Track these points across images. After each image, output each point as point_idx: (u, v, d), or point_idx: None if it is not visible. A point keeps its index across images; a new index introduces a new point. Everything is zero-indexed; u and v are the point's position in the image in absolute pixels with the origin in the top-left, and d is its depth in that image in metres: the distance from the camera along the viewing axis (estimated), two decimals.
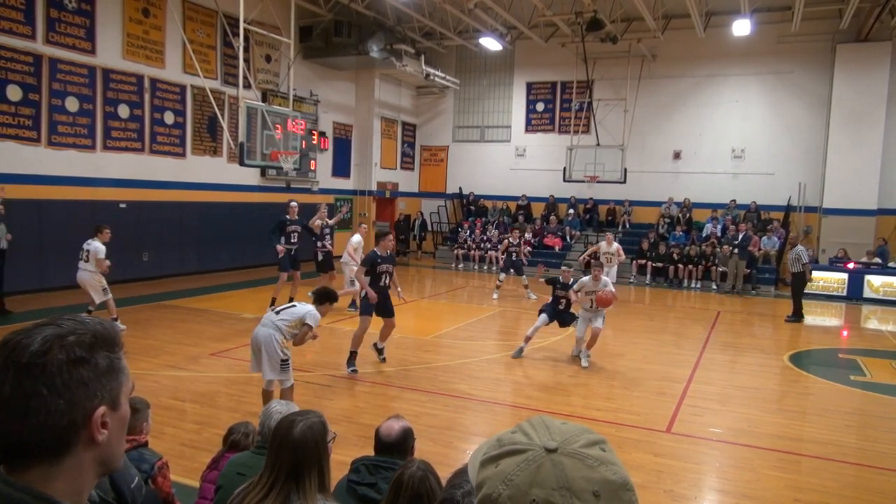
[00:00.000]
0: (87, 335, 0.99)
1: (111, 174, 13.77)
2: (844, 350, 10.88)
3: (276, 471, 2.24)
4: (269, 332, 5.81)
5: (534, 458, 0.80)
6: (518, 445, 0.82)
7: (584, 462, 0.79)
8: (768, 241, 17.85)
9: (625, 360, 9.27)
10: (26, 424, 0.94)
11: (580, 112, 20.76)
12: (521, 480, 0.78)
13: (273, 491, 2.20)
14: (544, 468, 0.78)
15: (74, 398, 0.96)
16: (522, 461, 0.80)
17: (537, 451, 0.80)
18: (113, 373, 1.01)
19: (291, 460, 2.23)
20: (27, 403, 0.93)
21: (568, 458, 0.79)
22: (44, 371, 0.94)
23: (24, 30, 12.02)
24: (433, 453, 5.13)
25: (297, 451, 2.24)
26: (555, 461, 0.79)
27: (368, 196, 21.90)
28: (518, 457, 0.81)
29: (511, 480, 0.79)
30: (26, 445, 0.95)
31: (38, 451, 0.95)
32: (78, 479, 0.99)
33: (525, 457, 0.80)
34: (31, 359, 0.94)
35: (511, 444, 0.83)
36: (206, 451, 4.86)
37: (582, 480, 0.78)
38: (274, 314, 6.01)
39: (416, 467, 2.47)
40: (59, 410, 0.95)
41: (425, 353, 9.40)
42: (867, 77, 17.58)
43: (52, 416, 0.94)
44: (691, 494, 5.13)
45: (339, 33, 18.16)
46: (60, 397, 0.95)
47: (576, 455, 0.80)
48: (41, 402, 0.94)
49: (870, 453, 6.09)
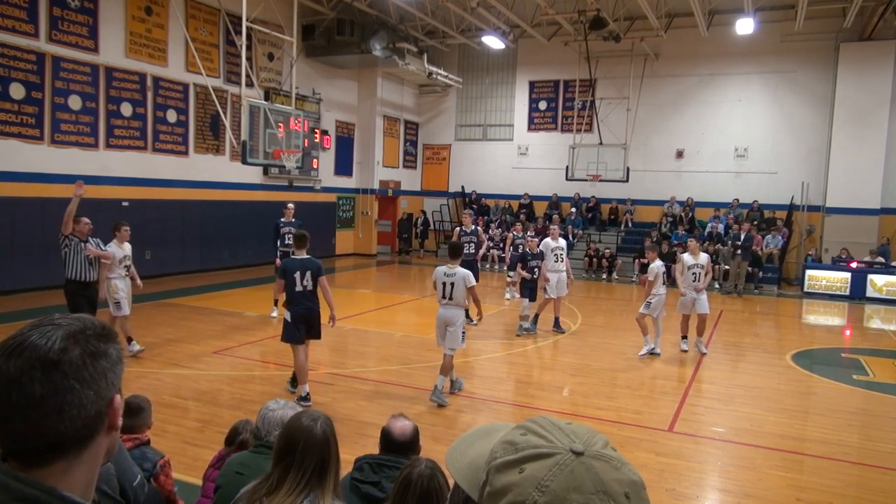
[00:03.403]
0: (98, 329, 1.04)
1: (114, 172, 13.79)
2: (847, 349, 10.86)
3: (302, 471, 2.21)
4: (455, 310, 6.89)
5: (564, 461, 0.78)
6: (541, 449, 0.81)
7: (610, 464, 0.79)
8: (772, 241, 17.81)
9: (627, 359, 9.26)
10: (63, 420, 0.97)
11: (583, 111, 20.74)
12: (557, 486, 0.76)
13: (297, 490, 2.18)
14: (578, 472, 0.77)
15: (100, 389, 1.01)
16: (553, 465, 0.78)
17: (565, 454, 0.79)
18: (120, 363, 1.06)
19: (318, 459, 2.23)
20: (63, 399, 0.97)
21: (596, 461, 0.79)
22: (72, 366, 0.97)
23: (27, 28, 12.04)
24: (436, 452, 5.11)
25: (324, 450, 2.26)
26: (586, 465, 0.78)
27: (371, 195, 21.91)
28: (546, 461, 0.79)
29: (546, 486, 0.77)
30: (60, 440, 0.98)
31: (68, 445, 0.99)
32: (92, 470, 1.04)
33: (555, 461, 0.79)
34: (58, 356, 0.97)
35: (532, 448, 0.81)
36: (208, 450, 4.87)
37: (614, 483, 0.77)
38: (446, 299, 6.90)
39: (423, 466, 2.47)
40: (91, 402, 0.99)
41: (427, 351, 9.39)
42: (871, 76, 17.54)
43: (84, 409, 0.98)
44: (693, 493, 5.12)
45: (341, 32, 18.16)
46: (90, 389, 0.99)
47: (602, 457, 0.79)
48: (75, 396, 0.97)
49: (872, 453, 6.08)
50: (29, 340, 0.97)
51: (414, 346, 9.69)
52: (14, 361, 0.96)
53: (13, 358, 0.96)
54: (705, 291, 9.50)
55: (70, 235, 7.52)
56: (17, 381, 0.95)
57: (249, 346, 9.23)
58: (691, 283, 9.41)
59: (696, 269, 9.45)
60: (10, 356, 0.96)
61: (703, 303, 9.44)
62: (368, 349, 9.59)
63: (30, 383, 0.95)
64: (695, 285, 9.41)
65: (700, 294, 9.41)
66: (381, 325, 11.14)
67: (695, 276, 9.41)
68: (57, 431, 0.97)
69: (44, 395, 0.95)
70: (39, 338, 0.98)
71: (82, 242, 7.61)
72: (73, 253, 7.53)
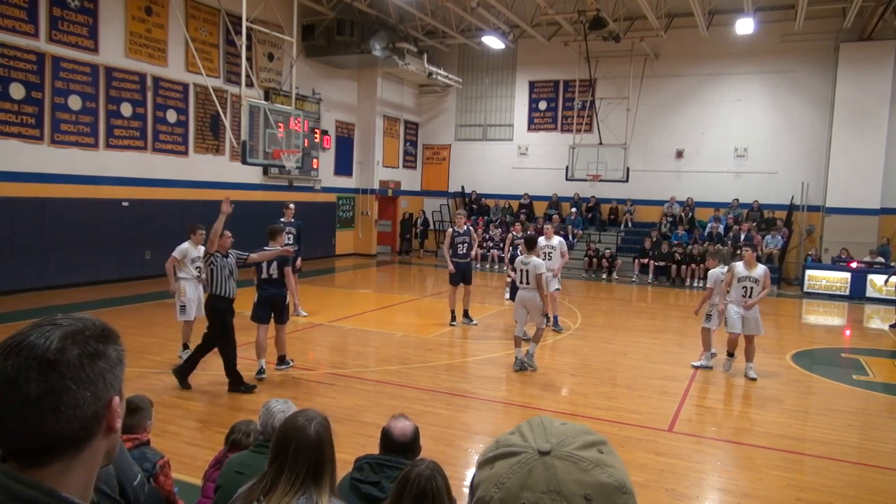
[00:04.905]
0: (98, 329, 1.03)
1: (114, 172, 13.79)
2: (847, 349, 10.86)
3: (295, 471, 2.22)
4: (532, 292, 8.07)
5: (526, 460, 0.79)
6: (513, 447, 0.82)
7: (577, 465, 0.78)
8: (772, 241, 17.82)
9: (627, 359, 9.26)
10: (58, 420, 0.96)
11: (583, 111, 20.74)
12: (511, 483, 0.77)
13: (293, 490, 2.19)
14: (535, 471, 0.78)
15: (97, 390, 1.00)
16: (515, 463, 0.79)
17: (530, 453, 0.80)
18: (120, 364, 1.05)
19: (311, 460, 2.23)
20: (59, 399, 0.96)
21: (560, 461, 0.78)
22: (69, 366, 0.97)
23: (27, 28, 12.04)
24: (435, 452, 5.12)
25: (318, 450, 2.25)
26: (546, 464, 0.78)
27: (371, 195, 21.91)
28: (511, 459, 0.80)
29: (503, 483, 0.78)
30: (56, 441, 0.97)
31: (64, 446, 0.98)
32: (91, 471, 1.03)
33: (518, 459, 0.80)
34: (56, 355, 0.96)
35: (506, 446, 0.82)
36: (209, 450, 4.87)
37: (573, 484, 0.76)
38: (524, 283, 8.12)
39: (424, 466, 2.46)
40: (87, 403, 0.98)
41: (427, 351, 9.40)
42: (871, 76, 17.54)
43: (81, 409, 0.98)
44: (693, 494, 5.12)
45: (341, 32, 18.16)
46: (87, 390, 0.98)
47: (569, 458, 0.79)
48: (71, 396, 0.97)
49: (872, 453, 6.08)
50: (27, 340, 0.97)
51: (414, 346, 9.69)
52: (11, 361, 0.95)
53: (11, 357, 0.95)
54: (758, 309, 8.22)
55: (215, 253, 7.29)
56: (14, 380, 0.94)
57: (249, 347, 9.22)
58: (740, 297, 8.22)
59: (749, 283, 8.19)
60: (9, 356, 0.96)
61: (752, 322, 8.20)
62: (368, 349, 9.58)
63: (26, 383, 0.94)
64: (744, 301, 8.19)
65: (750, 312, 8.17)
66: (381, 325, 11.14)
67: (746, 290, 8.18)
68: (53, 432, 0.96)
69: (40, 395, 0.95)
70: (38, 337, 0.97)
71: (224, 258, 7.39)
72: (219, 270, 7.28)
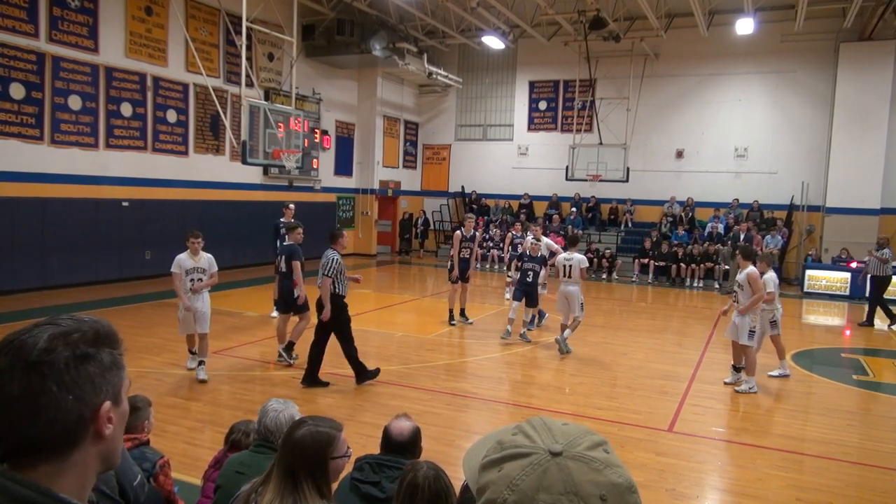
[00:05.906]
0: (90, 332, 1.01)
1: (114, 172, 13.79)
2: (847, 349, 10.86)
3: (277, 467, 2.25)
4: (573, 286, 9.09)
5: (539, 461, 0.79)
6: (521, 448, 0.81)
7: (589, 465, 0.78)
8: (772, 241, 17.81)
9: (627, 359, 9.26)
10: (37, 422, 0.94)
11: (583, 111, 20.73)
12: (526, 485, 0.77)
13: (274, 486, 2.21)
14: (550, 472, 0.77)
15: (83, 394, 0.97)
16: (527, 465, 0.79)
17: (542, 454, 0.79)
18: (115, 369, 1.02)
19: (287, 459, 2.24)
20: (37, 401, 0.94)
21: (574, 462, 0.78)
22: (52, 368, 0.95)
23: (27, 28, 12.04)
24: (435, 452, 5.12)
25: (294, 451, 2.24)
26: (560, 465, 0.78)
27: (371, 195, 21.91)
28: (522, 460, 0.79)
29: (517, 485, 0.77)
30: (37, 443, 0.95)
31: (47, 448, 0.96)
32: (83, 476, 1.01)
33: (530, 461, 0.79)
34: (39, 357, 0.95)
35: (514, 447, 0.82)
36: (209, 450, 4.87)
37: (589, 484, 0.77)
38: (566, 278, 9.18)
39: (426, 468, 2.45)
40: (69, 407, 0.96)
41: (427, 351, 9.40)
42: (871, 76, 17.53)
43: (62, 413, 0.95)
44: (693, 493, 5.12)
45: (341, 32, 18.16)
46: (70, 393, 0.96)
47: (581, 458, 0.79)
48: (51, 399, 0.94)
49: (872, 453, 6.08)
50: (19, 339, 0.96)
51: (414, 346, 9.69)
52: (1, 360, 0.95)
53: (1, 356, 0.95)
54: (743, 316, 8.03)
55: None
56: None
57: (249, 347, 9.24)
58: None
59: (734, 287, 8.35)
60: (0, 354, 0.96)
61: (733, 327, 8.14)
62: (368, 349, 9.57)
63: (9, 383, 0.94)
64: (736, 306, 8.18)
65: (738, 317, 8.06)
66: (381, 325, 11.13)
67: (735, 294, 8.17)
68: (31, 434, 0.94)
69: (20, 395, 0.93)
70: (29, 337, 0.96)
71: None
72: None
